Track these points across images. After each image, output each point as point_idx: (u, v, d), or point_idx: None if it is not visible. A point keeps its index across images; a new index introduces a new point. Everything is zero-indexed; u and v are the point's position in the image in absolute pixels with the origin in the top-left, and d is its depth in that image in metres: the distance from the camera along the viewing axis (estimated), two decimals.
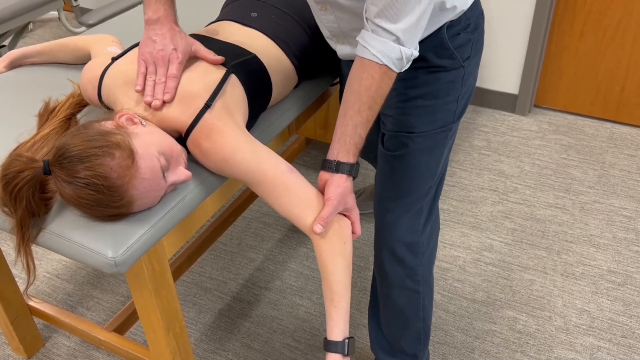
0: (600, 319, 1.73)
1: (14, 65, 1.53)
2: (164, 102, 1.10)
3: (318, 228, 1.04)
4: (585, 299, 1.79)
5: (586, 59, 2.50)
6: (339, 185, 1.05)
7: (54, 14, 3.72)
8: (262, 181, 1.07)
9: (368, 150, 1.70)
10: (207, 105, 1.10)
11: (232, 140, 1.08)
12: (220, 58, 1.17)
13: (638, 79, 2.45)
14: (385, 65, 0.98)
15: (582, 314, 1.74)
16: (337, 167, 1.05)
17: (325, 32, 1.20)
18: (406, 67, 1.01)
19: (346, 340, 1.05)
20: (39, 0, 2.53)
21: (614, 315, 1.74)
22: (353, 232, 1.11)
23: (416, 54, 1.00)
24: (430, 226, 1.30)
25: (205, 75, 1.14)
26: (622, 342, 1.66)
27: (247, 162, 1.07)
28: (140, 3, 2.49)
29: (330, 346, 1.05)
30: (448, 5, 1.07)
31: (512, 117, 2.66)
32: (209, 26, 1.36)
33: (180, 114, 1.10)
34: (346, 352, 1.05)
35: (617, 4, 2.32)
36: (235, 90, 1.16)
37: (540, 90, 2.67)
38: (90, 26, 2.42)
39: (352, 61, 1.04)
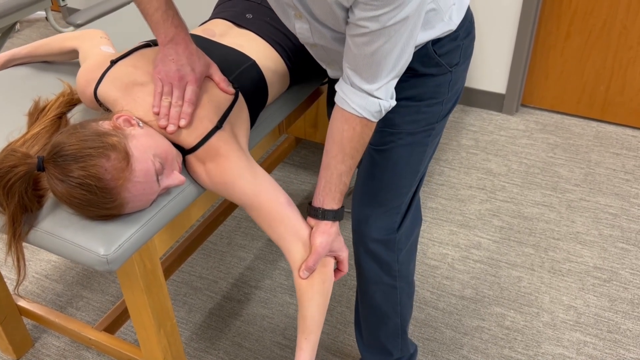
0: (587, 314, 1.76)
1: (2, 68, 1.52)
2: (179, 127, 1.09)
3: (304, 274, 1.10)
4: (572, 295, 1.81)
5: (572, 59, 2.53)
6: (325, 231, 1.09)
7: (41, 14, 3.69)
8: (257, 209, 1.10)
9: None
10: (217, 127, 1.10)
11: (236, 167, 1.09)
12: (232, 90, 1.16)
13: (623, 78, 2.48)
14: (365, 117, 1.01)
15: (569, 310, 1.77)
16: (323, 215, 1.09)
17: (315, 57, 1.21)
18: (384, 115, 1.05)
19: None
20: (26, 0, 2.52)
21: (600, 311, 1.76)
22: (340, 270, 1.16)
23: (394, 103, 1.03)
24: (408, 224, 1.30)
25: (213, 94, 1.14)
26: (608, 337, 1.69)
27: (247, 189, 1.09)
28: (127, 3, 2.48)
29: None
30: (434, 35, 1.08)
31: (500, 116, 2.68)
32: (205, 25, 1.36)
33: (185, 133, 1.10)
34: None
35: (602, 5, 2.36)
36: (242, 110, 1.18)
37: (527, 90, 2.70)
38: (78, 26, 2.42)
39: None
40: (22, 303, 1.59)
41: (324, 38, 1.05)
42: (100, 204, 0.98)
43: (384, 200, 1.24)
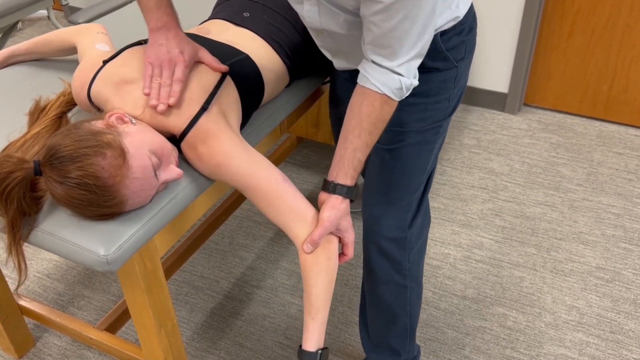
0: (589, 315, 1.75)
1: (2, 65, 1.52)
2: (169, 106, 1.09)
3: (308, 248, 1.07)
4: (574, 296, 1.81)
5: (575, 58, 2.52)
6: (334, 206, 1.07)
7: (43, 12, 3.70)
8: (255, 189, 1.08)
9: None
10: (204, 109, 1.10)
11: (227, 146, 1.08)
12: (224, 67, 1.16)
13: (626, 77, 2.47)
14: (385, 94, 1.00)
15: (571, 310, 1.76)
16: (334, 189, 1.07)
17: (320, 47, 1.21)
18: (406, 95, 1.03)
19: (319, 352, 1.08)
20: None
21: (603, 311, 1.76)
22: (345, 254, 1.13)
23: (416, 83, 1.01)
24: (419, 222, 1.30)
25: (201, 78, 1.14)
26: (610, 338, 1.68)
27: (242, 169, 1.08)
28: (129, 2, 2.48)
29: (303, 356, 1.08)
30: (441, 23, 1.08)
31: (502, 115, 2.68)
32: (201, 25, 1.36)
33: (175, 117, 1.10)
34: None
35: (605, 4, 2.34)
36: (230, 93, 1.17)
37: (530, 89, 2.69)
38: None
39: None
40: (23, 302, 1.59)
41: (333, 21, 1.04)
42: (101, 202, 0.98)
43: (395, 199, 1.24)
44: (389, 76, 0.98)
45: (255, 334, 1.72)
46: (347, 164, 1.06)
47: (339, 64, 1.21)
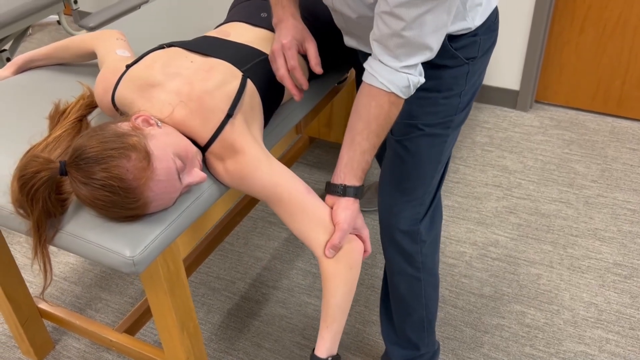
0: (608, 311, 1.74)
1: (21, 70, 1.53)
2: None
3: (330, 253, 1.07)
4: (592, 292, 1.80)
5: (587, 54, 2.51)
6: (347, 207, 1.08)
7: (53, 17, 3.71)
8: (278, 201, 1.09)
9: None
10: (229, 115, 1.10)
11: (251, 158, 1.09)
12: (320, 70, 1.22)
13: (638, 73, 2.46)
14: (394, 93, 1.00)
15: (590, 307, 1.75)
16: (344, 191, 1.08)
17: (335, 21, 1.23)
18: (412, 93, 1.03)
19: (329, 359, 1.09)
20: (39, 4, 2.52)
21: (622, 308, 1.75)
22: (365, 251, 1.14)
23: (422, 80, 1.02)
24: (430, 216, 1.31)
25: (223, 85, 1.14)
26: (630, 334, 1.67)
27: (265, 181, 1.08)
28: (137, 7, 2.49)
29: None
30: (452, 30, 1.08)
31: (514, 113, 2.67)
32: (220, 27, 1.36)
33: (200, 126, 1.10)
34: None
35: None
36: (253, 99, 1.17)
37: (541, 86, 2.68)
38: (90, 29, 2.42)
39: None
40: (43, 306, 1.59)
41: (345, 3, 1.04)
42: (124, 204, 0.99)
43: (407, 190, 1.25)
44: (396, 75, 0.99)
45: (273, 335, 1.72)
46: (356, 167, 1.07)
47: (349, 42, 1.21)
